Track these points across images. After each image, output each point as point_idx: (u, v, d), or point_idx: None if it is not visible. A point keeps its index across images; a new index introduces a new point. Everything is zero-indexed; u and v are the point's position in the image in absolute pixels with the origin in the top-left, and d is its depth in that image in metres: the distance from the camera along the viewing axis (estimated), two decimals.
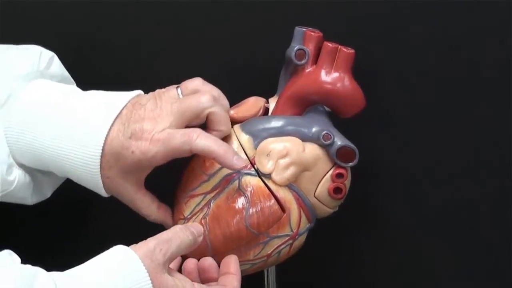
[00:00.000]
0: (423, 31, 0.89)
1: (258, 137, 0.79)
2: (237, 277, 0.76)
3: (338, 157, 0.79)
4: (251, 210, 0.77)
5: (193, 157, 0.80)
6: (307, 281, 0.97)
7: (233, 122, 0.81)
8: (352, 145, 0.79)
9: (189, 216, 0.79)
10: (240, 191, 0.78)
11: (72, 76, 0.83)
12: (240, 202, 0.78)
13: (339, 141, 0.79)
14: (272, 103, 0.83)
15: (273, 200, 0.78)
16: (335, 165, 0.80)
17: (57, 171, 0.77)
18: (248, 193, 0.78)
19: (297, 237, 0.79)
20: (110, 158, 0.74)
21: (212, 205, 0.78)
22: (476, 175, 0.92)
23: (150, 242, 0.70)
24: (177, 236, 0.72)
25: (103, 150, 0.74)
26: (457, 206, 0.93)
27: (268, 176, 0.79)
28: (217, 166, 0.78)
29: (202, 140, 0.75)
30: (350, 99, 0.80)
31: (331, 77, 0.79)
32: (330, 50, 0.79)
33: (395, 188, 0.94)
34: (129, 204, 0.78)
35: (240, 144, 0.79)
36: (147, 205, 0.79)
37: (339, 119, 0.81)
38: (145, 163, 0.75)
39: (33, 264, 0.66)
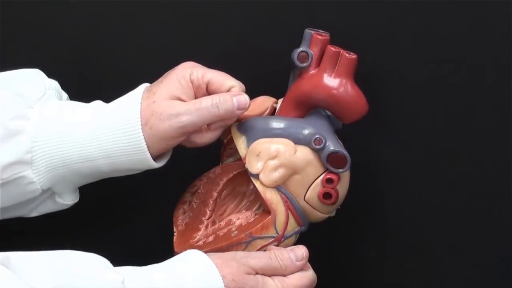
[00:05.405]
0: (424, 34, 0.88)
1: (252, 137, 0.79)
2: None
3: (329, 162, 0.78)
4: None
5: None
6: None
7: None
8: (344, 151, 0.78)
9: None
10: None
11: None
12: None
13: (332, 146, 0.78)
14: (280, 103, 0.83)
15: None
16: (326, 170, 0.78)
17: (103, 164, 0.78)
18: None
19: (283, 239, 0.79)
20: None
21: None
22: (476, 175, 0.91)
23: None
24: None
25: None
26: (457, 206, 0.92)
27: (257, 176, 0.79)
28: None
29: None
30: (350, 106, 0.78)
31: (332, 81, 0.78)
32: (332, 54, 0.78)
33: (395, 189, 0.93)
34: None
35: (235, 143, 0.80)
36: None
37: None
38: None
39: None
